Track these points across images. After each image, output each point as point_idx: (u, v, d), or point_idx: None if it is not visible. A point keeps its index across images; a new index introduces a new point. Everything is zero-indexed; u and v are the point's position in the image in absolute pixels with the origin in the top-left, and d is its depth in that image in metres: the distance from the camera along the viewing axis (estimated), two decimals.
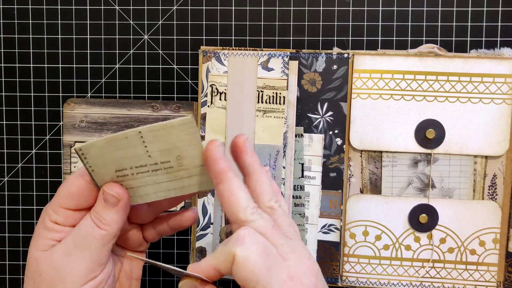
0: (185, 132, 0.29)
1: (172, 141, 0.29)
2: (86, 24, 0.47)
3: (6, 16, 0.47)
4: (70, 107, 0.46)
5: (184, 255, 0.48)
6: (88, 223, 0.31)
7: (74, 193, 0.31)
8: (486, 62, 0.43)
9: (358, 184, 0.46)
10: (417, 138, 0.44)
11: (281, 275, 0.27)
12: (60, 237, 0.31)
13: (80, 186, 0.31)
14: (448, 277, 0.45)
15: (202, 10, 0.47)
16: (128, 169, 0.31)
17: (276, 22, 0.47)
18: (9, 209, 0.48)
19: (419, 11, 0.46)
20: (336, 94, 0.45)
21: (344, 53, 0.45)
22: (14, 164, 0.48)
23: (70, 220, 0.31)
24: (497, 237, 0.45)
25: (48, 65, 0.47)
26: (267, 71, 0.45)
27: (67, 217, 0.31)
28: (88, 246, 0.30)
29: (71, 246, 0.30)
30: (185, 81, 0.47)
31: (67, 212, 0.31)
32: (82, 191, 0.31)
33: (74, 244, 0.30)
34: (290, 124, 0.45)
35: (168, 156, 0.30)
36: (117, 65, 0.47)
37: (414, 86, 0.44)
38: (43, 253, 0.30)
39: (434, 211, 0.45)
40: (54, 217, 0.31)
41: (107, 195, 0.31)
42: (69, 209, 0.31)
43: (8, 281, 0.48)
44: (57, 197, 0.31)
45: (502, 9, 0.45)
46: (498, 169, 0.44)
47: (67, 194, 0.31)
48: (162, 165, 0.31)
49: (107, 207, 0.31)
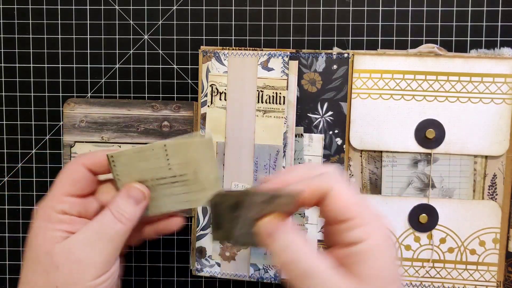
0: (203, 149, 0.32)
1: (190, 155, 0.32)
2: (86, 24, 0.47)
3: (6, 16, 0.47)
4: (70, 107, 0.46)
5: (184, 255, 0.48)
6: (108, 217, 0.31)
7: (78, 179, 0.32)
8: (486, 62, 0.43)
9: (358, 184, 0.46)
10: (417, 138, 0.44)
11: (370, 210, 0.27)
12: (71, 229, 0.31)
13: (83, 172, 0.32)
14: (448, 277, 0.45)
15: (202, 10, 0.47)
16: (149, 181, 0.33)
17: (276, 22, 0.47)
18: (9, 209, 0.48)
19: (419, 11, 0.46)
20: (336, 94, 0.45)
21: (344, 53, 0.45)
22: (14, 164, 0.48)
23: (76, 207, 0.32)
24: (497, 237, 0.45)
25: (48, 65, 0.47)
26: (267, 71, 0.45)
27: (73, 205, 0.31)
28: (109, 239, 0.31)
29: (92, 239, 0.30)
30: (185, 81, 0.47)
31: (72, 199, 0.31)
32: (86, 177, 0.32)
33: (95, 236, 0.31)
34: (290, 124, 0.45)
35: (186, 169, 0.32)
36: (117, 65, 0.47)
37: (414, 86, 0.44)
38: (58, 246, 0.30)
39: (434, 211, 0.45)
40: (60, 207, 0.31)
41: (134, 190, 0.32)
42: (74, 196, 0.32)
43: (8, 281, 0.48)
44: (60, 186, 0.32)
45: (502, 9, 0.45)
46: (498, 169, 0.44)
47: (71, 181, 0.32)
48: (180, 177, 0.33)
49: (130, 203, 0.32)
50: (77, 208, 0.32)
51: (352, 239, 0.25)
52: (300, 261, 0.26)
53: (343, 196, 0.26)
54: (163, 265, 0.48)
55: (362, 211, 0.26)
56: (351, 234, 0.26)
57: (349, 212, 0.26)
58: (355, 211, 0.26)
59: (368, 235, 0.25)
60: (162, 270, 0.48)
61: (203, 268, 0.46)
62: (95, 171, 0.33)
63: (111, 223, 0.31)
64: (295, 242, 0.26)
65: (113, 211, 0.31)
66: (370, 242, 0.25)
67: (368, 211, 0.26)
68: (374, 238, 0.25)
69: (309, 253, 0.26)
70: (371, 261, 0.25)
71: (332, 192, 0.26)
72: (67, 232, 0.31)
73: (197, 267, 0.46)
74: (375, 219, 0.26)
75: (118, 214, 0.31)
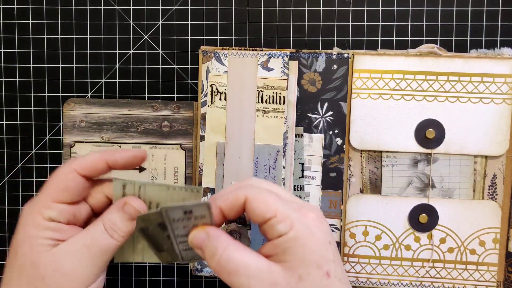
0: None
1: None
2: (86, 24, 0.47)
3: (6, 16, 0.47)
4: (70, 107, 0.46)
5: None
6: (100, 231, 0.31)
7: (70, 186, 0.31)
8: (486, 62, 0.43)
9: (358, 184, 0.46)
10: (417, 138, 0.44)
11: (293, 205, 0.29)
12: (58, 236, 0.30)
13: (75, 178, 0.31)
14: (448, 277, 0.45)
15: (202, 10, 0.47)
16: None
17: (276, 22, 0.47)
18: (9, 209, 0.48)
19: (419, 11, 0.46)
20: (336, 94, 0.45)
21: (344, 53, 0.45)
22: (14, 164, 0.48)
23: (65, 214, 0.30)
24: (497, 237, 0.45)
25: (48, 65, 0.47)
26: (267, 71, 0.45)
27: (61, 212, 0.30)
28: (99, 253, 0.30)
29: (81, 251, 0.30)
30: (185, 81, 0.47)
31: (61, 206, 0.30)
32: (78, 183, 0.31)
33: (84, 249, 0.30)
34: (290, 124, 0.45)
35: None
36: (117, 65, 0.47)
37: (414, 86, 0.44)
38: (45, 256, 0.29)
39: (434, 211, 0.45)
40: (48, 214, 0.30)
41: (130, 207, 0.31)
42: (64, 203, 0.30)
43: None
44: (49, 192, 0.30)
45: (502, 9, 0.45)
46: (498, 169, 0.44)
47: (62, 187, 0.30)
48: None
49: (125, 218, 0.31)
50: (66, 215, 0.31)
51: (276, 233, 0.28)
52: (228, 261, 0.28)
53: (259, 200, 0.29)
54: (163, 265, 0.48)
55: (280, 208, 0.28)
56: (275, 229, 0.28)
57: (268, 212, 0.28)
58: (274, 210, 0.28)
59: (289, 227, 0.28)
60: (162, 270, 0.48)
61: (203, 268, 0.46)
62: (87, 176, 0.31)
63: (103, 238, 0.30)
64: (221, 247, 0.28)
65: (106, 225, 0.31)
66: (291, 234, 0.28)
67: (287, 206, 0.29)
68: (295, 229, 0.28)
69: (237, 252, 0.28)
70: (293, 249, 0.28)
71: (249, 199, 0.29)
72: (54, 239, 0.30)
73: (197, 267, 0.46)
74: (295, 212, 0.29)
75: (110, 230, 0.31)
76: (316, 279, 0.28)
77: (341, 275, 0.29)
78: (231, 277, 0.28)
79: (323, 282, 0.28)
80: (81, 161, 0.31)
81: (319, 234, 0.29)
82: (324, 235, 0.29)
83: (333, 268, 0.28)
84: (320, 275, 0.28)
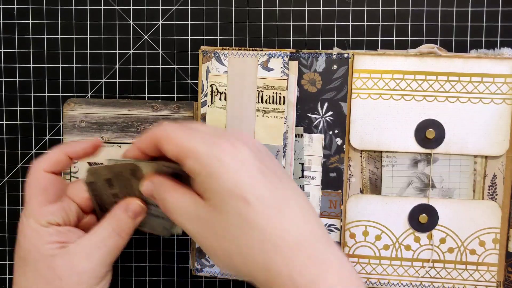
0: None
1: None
2: (86, 24, 0.47)
3: (6, 16, 0.47)
4: (70, 107, 0.46)
5: (184, 255, 0.48)
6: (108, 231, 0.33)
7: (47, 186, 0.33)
8: (486, 62, 0.43)
9: (358, 184, 0.46)
10: (417, 138, 0.44)
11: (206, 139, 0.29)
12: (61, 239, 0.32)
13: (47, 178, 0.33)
14: (448, 277, 0.45)
15: (202, 10, 0.47)
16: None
17: (276, 22, 0.47)
18: (9, 209, 0.48)
19: (419, 11, 0.46)
20: (336, 94, 0.45)
21: (344, 53, 0.45)
22: (14, 164, 0.48)
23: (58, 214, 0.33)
24: (497, 237, 0.45)
25: (48, 65, 0.47)
26: (267, 71, 0.45)
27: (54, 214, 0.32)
28: (108, 252, 0.33)
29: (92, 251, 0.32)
30: (185, 81, 0.47)
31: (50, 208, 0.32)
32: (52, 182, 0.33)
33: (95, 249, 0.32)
34: (290, 124, 0.45)
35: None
36: (117, 65, 0.47)
37: (414, 86, 0.44)
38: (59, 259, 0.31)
39: (434, 211, 0.45)
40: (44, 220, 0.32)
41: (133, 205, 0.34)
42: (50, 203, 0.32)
43: (8, 281, 0.48)
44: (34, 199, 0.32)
45: (502, 9, 0.45)
46: (498, 169, 0.44)
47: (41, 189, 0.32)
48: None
49: (130, 217, 0.34)
50: (59, 215, 0.33)
51: (193, 174, 0.28)
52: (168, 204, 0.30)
53: (170, 141, 0.29)
54: (163, 265, 0.48)
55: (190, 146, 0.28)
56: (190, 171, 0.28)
57: (180, 154, 0.28)
58: (185, 150, 0.28)
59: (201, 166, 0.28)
60: (162, 270, 0.48)
61: (203, 268, 0.46)
62: (54, 172, 0.33)
63: (111, 237, 0.33)
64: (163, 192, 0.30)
65: (113, 225, 0.33)
66: (203, 172, 0.28)
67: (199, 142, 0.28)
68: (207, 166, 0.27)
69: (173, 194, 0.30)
70: (209, 185, 0.28)
71: (160, 141, 0.29)
72: (58, 242, 0.32)
73: (197, 267, 0.46)
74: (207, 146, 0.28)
75: (119, 229, 0.33)
76: (234, 208, 0.27)
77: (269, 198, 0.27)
78: (173, 217, 0.30)
79: (243, 210, 0.27)
80: (45, 159, 0.33)
81: (232, 162, 0.27)
82: (242, 161, 0.28)
83: (255, 192, 0.27)
84: (237, 203, 0.27)
